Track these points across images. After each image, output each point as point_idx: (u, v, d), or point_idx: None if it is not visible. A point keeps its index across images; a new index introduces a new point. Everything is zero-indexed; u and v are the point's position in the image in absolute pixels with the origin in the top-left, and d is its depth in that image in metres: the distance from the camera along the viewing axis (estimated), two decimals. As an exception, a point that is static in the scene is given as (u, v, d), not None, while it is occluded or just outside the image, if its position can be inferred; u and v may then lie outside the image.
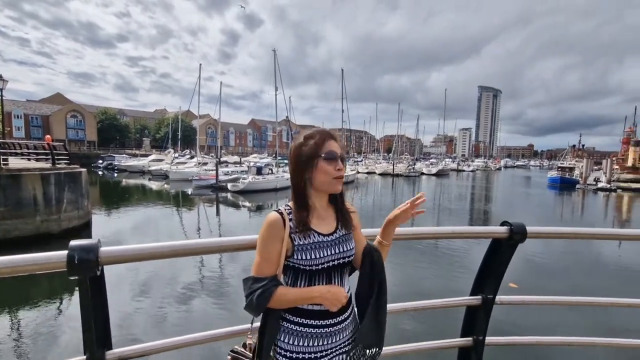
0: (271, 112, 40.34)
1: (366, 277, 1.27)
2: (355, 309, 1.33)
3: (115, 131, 78.80)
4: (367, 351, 1.22)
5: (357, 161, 72.92)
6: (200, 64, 42.35)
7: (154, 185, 35.71)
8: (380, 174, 58.97)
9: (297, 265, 1.20)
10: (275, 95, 38.70)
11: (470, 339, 1.93)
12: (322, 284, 1.22)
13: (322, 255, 1.20)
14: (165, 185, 34.75)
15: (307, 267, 1.19)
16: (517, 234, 1.71)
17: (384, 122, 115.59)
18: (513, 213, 26.39)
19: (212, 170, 35.58)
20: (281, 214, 1.20)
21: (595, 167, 56.72)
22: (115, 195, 28.58)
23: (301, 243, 1.19)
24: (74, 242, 1.15)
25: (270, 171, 34.05)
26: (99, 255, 1.16)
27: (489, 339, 1.91)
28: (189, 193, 29.55)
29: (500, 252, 1.80)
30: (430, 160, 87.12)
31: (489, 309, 1.86)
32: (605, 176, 46.46)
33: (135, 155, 60.84)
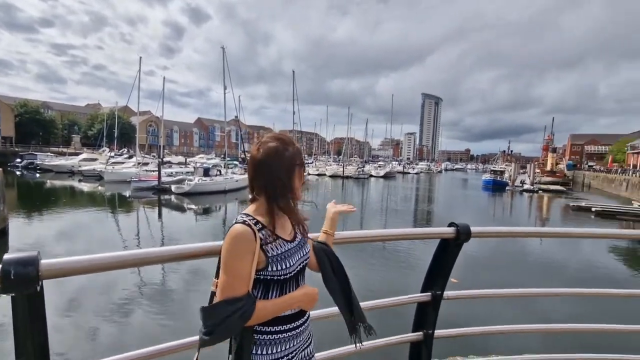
0: (219, 111, 39.21)
1: (329, 271, 1.38)
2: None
3: (37, 126, 70.03)
4: (366, 326, 1.42)
5: (308, 163, 73.42)
6: (141, 57, 39.37)
7: (86, 187, 32.39)
8: (330, 176, 59.91)
9: (269, 277, 1.17)
10: (224, 94, 37.39)
11: (420, 333, 2.04)
12: (293, 290, 1.23)
13: (293, 262, 1.21)
14: (99, 187, 31.63)
15: (281, 277, 1.18)
16: (463, 234, 1.84)
17: (334, 124, 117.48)
18: (454, 213, 28.40)
19: (153, 171, 33.00)
20: (249, 225, 1.12)
21: (522, 171, 62.99)
22: (39, 199, 25.43)
23: (275, 254, 1.17)
24: (9, 255, 1.01)
25: (218, 172, 32.68)
26: (40, 268, 1.04)
27: (438, 332, 2.04)
28: (127, 195, 27.24)
29: (448, 251, 1.92)
30: (379, 163, 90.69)
31: (437, 305, 1.98)
32: (529, 179, 51.97)
33: (62, 154, 54.68)
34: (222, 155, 45.37)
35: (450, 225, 1.89)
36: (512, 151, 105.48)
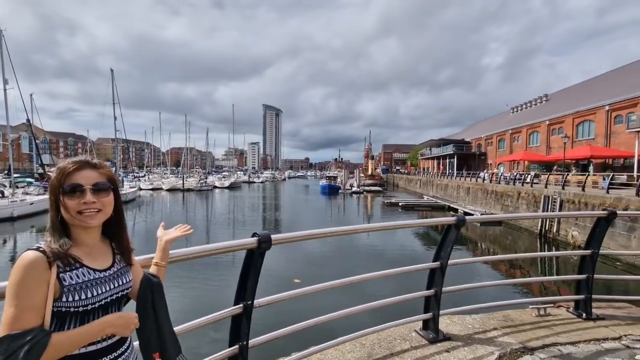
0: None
1: (149, 307, 1.29)
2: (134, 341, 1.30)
3: None
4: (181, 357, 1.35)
5: (139, 176, 63.56)
6: None
7: None
8: (168, 190, 53.37)
9: (64, 309, 1.07)
10: (5, 89, 27.81)
11: (236, 346, 2.04)
12: None
13: (98, 292, 1.13)
14: None
15: (80, 309, 1.09)
16: (265, 242, 1.90)
17: (170, 133, 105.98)
18: (298, 218, 29.55)
19: None
20: (43, 252, 1.05)
21: (350, 176, 72.91)
22: None
23: (73, 283, 1.08)
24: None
25: (1, 194, 24.53)
26: None
27: (253, 342, 2.09)
28: None
29: (253, 261, 1.97)
30: (223, 174, 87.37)
31: (249, 314, 2.02)
32: (356, 182, 60.84)
33: None
34: (6, 171, 33.66)
35: (253, 235, 1.92)
36: (342, 159, 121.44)
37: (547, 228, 19.33)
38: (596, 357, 2.51)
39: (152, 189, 54.35)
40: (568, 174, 22.55)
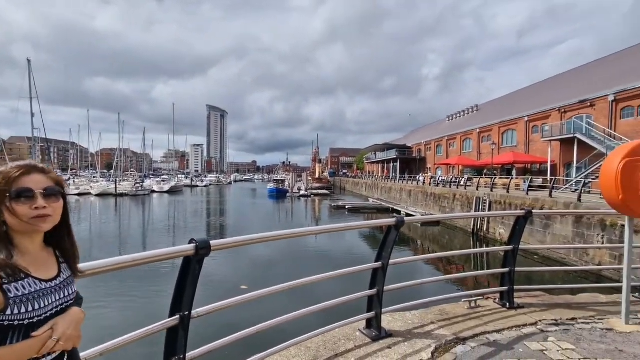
0: None
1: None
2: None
3: None
4: None
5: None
6: None
7: None
8: (97, 195, 48.76)
9: (7, 323, 1.02)
10: None
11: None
12: None
13: (45, 304, 1.08)
14: None
15: (26, 321, 1.04)
16: (203, 249, 1.81)
17: (100, 132, 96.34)
18: (245, 223, 28.78)
19: None
20: None
21: (298, 179, 73.05)
22: None
23: (19, 294, 1.03)
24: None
25: None
26: None
27: (191, 354, 1.98)
28: None
29: (191, 268, 1.86)
30: (162, 177, 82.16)
31: (187, 326, 1.90)
32: (304, 186, 61.13)
33: None
34: None
35: (190, 242, 1.83)
36: (290, 162, 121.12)
37: (479, 227, 21.14)
38: (517, 342, 2.78)
39: (79, 194, 49.26)
40: (496, 178, 24.98)
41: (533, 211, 3.45)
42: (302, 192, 56.37)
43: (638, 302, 3.75)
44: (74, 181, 59.38)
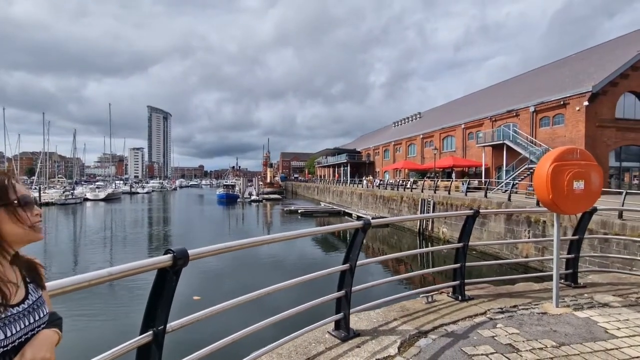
0: None
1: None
2: None
3: None
4: None
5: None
6: None
7: None
8: (20, 205, 43.21)
9: None
10: None
11: None
12: None
13: (15, 331, 0.97)
14: None
15: None
16: (181, 259, 1.73)
17: (19, 134, 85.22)
18: (192, 233, 27.44)
19: None
20: None
21: (249, 184, 71.62)
22: None
23: None
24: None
25: None
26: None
27: None
28: None
29: (167, 281, 1.77)
30: (97, 184, 75.28)
31: (160, 343, 1.80)
32: (255, 190, 60.05)
33: None
34: None
35: (166, 252, 1.73)
36: (240, 167, 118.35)
37: (424, 227, 22.49)
38: (471, 330, 3.05)
39: (-4, 204, 43.25)
40: (438, 180, 26.80)
41: (480, 211, 3.81)
42: (253, 197, 55.32)
43: (564, 288, 4.30)
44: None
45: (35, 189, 49.17)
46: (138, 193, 78.43)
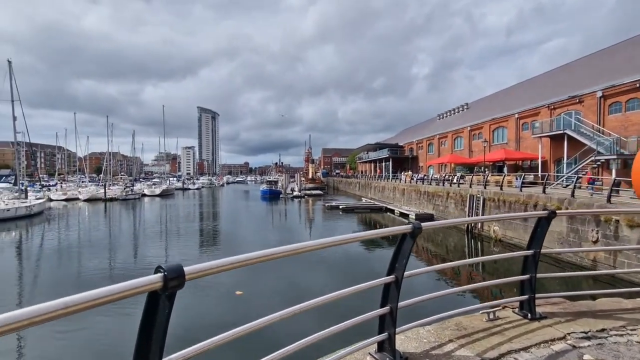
0: None
1: None
2: None
3: None
4: None
5: (48, 185, 55.73)
6: None
7: None
8: (86, 200, 47.56)
9: None
10: None
11: None
12: None
13: None
14: None
15: None
16: (173, 279, 1.37)
17: (89, 136, 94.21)
18: (238, 227, 28.27)
19: None
20: None
21: (291, 180, 72.53)
22: None
23: None
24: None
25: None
26: None
27: None
28: None
29: (159, 305, 1.44)
30: (153, 180, 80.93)
31: None
32: (297, 186, 60.67)
33: None
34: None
35: (157, 270, 1.37)
36: (282, 163, 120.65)
37: (473, 224, 21.03)
38: (548, 361, 2.48)
39: (66, 200, 48.02)
40: (488, 175, 24.95)
41: (557, 212, 3.16)
42: (295, 193, 55.90)
43: (665, 308, 3.49)
44: (61, 186, 58.01)
45: (102, 185, 53.88)
46: (189, 189, 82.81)
